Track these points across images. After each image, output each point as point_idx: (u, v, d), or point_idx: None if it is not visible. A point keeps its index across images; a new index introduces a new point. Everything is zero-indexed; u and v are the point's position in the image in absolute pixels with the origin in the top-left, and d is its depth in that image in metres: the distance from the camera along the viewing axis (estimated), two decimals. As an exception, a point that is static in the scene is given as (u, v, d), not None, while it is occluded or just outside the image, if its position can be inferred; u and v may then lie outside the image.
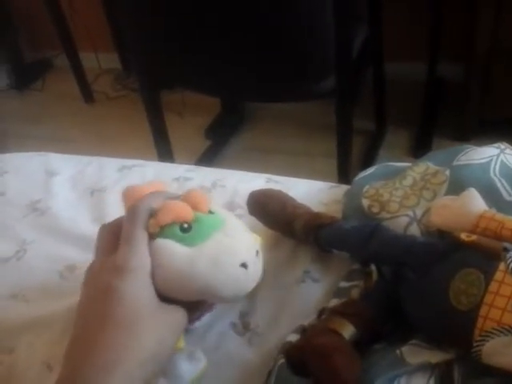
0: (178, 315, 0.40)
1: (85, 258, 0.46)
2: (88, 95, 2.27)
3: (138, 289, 0.38)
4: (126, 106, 2.19)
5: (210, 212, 0.43)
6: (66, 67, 2.23)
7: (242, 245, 0.42)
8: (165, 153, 1.58)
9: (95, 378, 0.35)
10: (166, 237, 0.40)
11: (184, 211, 0.41)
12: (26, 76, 2.45)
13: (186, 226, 0.40)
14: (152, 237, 0.41)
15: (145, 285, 0.39)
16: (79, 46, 2.19)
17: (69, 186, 0.71)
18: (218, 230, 0.41)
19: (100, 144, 1.90)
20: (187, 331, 0.44)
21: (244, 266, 0.40)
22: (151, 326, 0.38)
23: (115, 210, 0.47)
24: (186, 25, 1.18)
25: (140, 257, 0.39)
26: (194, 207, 0.42)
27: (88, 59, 2.28)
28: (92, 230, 0.62)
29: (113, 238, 0.42)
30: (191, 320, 0.43)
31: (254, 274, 0.42)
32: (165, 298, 0.40)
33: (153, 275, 0.40)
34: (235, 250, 0.41)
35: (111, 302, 0.37)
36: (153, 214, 0.41)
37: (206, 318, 0.49)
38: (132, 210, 0.42)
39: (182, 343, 0.43)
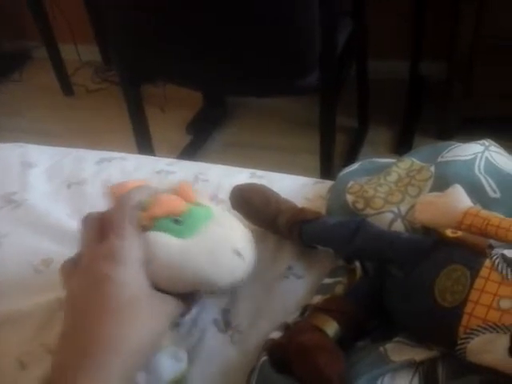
0: (171, 305, 0.41)
1: (61, 251, 0.45)
2: (67, 88, 2.23)
3: (131, 279, 0.38)
4: (105, 100, 2.16)
5: (200, 204, 0.43)
6: (45, 59, 2.18)
7: (234, 233, 0.43)
8: (145, 147, 1.56)
9: (90, 367, 0.35)
10: (160, 229, 0.40)
11: (177, 204, 0.42)
12: (4, 66, 2.39)
13: (178, 218, 0.41)
14: (144, 230, 0.41)
15: (138, 275, 0.39)
16: (59, 37, 2.14)
17: (45, 178, 0.69)
18: (209, 221, 0.42)
19: (79, 137, 1.86)
20: (174, 325, 0.44)
21: (238, 253, 0.41)
22: (145, 315, 0.38)
23: (94, 204, 0.46)
24: (168, 17, 1.16)
25: (131, 248, 0.39)
26: (186, 199, 0.42)
27: (68, 51, 2.24)
28: (69, 224, 0.61)
29: (100, 228, 0.41)
30: (184, 311, 0.43)
31: (247, 262, 0.42)
32: (159, 290, 0.40)
33: (147, 268, 0.39)
34: (228, 238, 0.42)
35: (105, 292, 0.37)
36: (142, 206, 0.41)
37: (193, 311, 0.48)
38: (120, 202, 0.41)
39: (166, 341, 0.42)
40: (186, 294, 0.42)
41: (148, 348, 0.39)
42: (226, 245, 0.41)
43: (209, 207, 0.44)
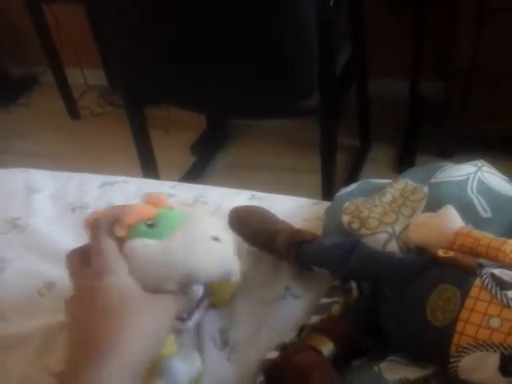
0: (168, 301, 0.42)
1: (64, 275, 0.46)
2: (73, 111, 2.26)
3: (120, 285, 0.40)
4: (111, 123, 2.19)
5: (172, 208, 0.45)
6: (52, 83, 2.22)
7: (208, 224, 0.45)
8: (150, 169, 1.58)
9: (90, 369, 0.36)
10: (135, 236, 0.42)
11: (145, 209, 0.44)
12: (12, 91, 2.44)
13: (151, 222, 0.43)
14: (122, 241, 0.42)
15: (126, 281, 0.41)
16: (65, 61, 2.19)
17: (50, 202, 0.70)
18: (182, 220, 0.44)
19: (85, 160, 1.89)
20: (179, 333, 0.45)
21: (215, 239, 0.43)
22: (142, 316, 0.39)
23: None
24: (171, 42, 1.19)
25: (114, 260, 0.41)
26: (155, 205, 0.44)
27: (74, 75, 2.28)
28: (73, 247, 0.62)
29: (84, 257, 0.43)
30: (183, 317, 0.45)
31: (227, 246, 0.45)
32: (151, 291, 0.41)
33: (133, 275, 0.41)
34: (203, 229, 0.44)
35: (99, 301, 0.39)
36: (114, 222, 0.43)
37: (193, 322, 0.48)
38: (92, 225, 0.43)
39: (174, 348, 0.44)
40: (178, 290, 0.43)
41: (150, 347, 0.40)
42: (201, 234, 0.43)
43: (180, 209, 0.46)
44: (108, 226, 0.43)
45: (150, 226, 0.43)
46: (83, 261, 0.43)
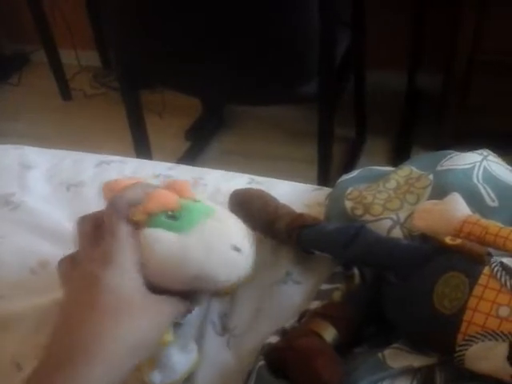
0: (168, 305, 0.40)
1: (58, 253, 0.45)
2: (66, 92, 2.23)
3: (123, 280, 0.38)
4: (103, 105, 2.16)
5: (196, 201, 0.43)
6: (44, 63, 2.18)
7: (232, 229, 0.42)
8: (143, 153, 1.56)
9: (80, 366, 0.35)
10: (155, 225, 0.40)
11: (170, 199, 0.41)
12: (2, 69, 2.39)
13: (173, 213, 0.40)
14: (139, 226, 0.40)
15: (131, 276, 0.38)
16: (58, 41, 2.15)
17: (44, 180, 0.69)
18: (206, 216, 0.41)
19: (76, 142, 1.85)
20: (176, 325, 0.43)
21: (236, 249, 0.41)
22: (138, 316, 0.38)
23: (92, 206, 0.45)
24: (169, 25, 1.17)
25: (125, 250, 0.39)
26: (180, 195, 0.42)
27: (67, 56, 2.24)
28: (67, 226, 0.61)
29: (95, 229, 0.41)
30: (184, 312, 0.42)
31: (247, 258, 0.42)
32: (158, 288, 0.40)
33: (143, 266, 0.39)
34: (226, 234, 0.41)
35: (96, 292, 0.37)
36: (136, 204, 0.41)
37: (196, 311, 0.47)
38: (113, 202, 0.41)
39: (169, 337, 0.42)
40: (185, 292, 0.42)
41: (143, 348, 0.38)
42: (224, 240, 0.40)
43: (204, 203, 0.43)
44: (127, 208, 0.41)
45: (171, 217, 0.40)
46: (95, 229, 0.41)
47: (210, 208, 0.42)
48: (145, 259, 0.39)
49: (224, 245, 0.40)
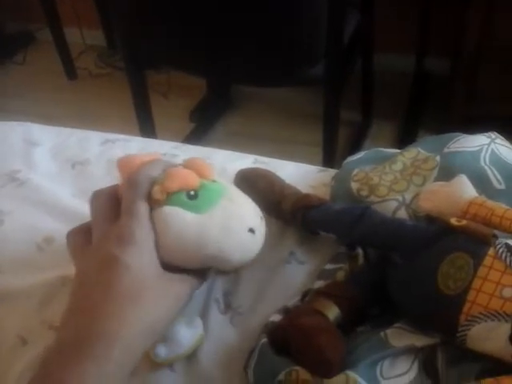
0: (184, 285, 0.40)
1: (63, 230, 0.45)
2: (71, 71, 2.22)
3: (142, 261, 0.38)
4: (109, 85, 2.15)
5: (214, 181, 0.43)
6: (49, 41, 2.17)
7: (247, 211, 0.43)
8: (148, 133, 1.56)
9: (98, 347, 0.35)
10: (174, 204, 0.40)
11: (191, 178, 0.41)
12: (7, 48, 2.38)
13: (192, 193, 0.40)
14: (157, 205, 0.40)
15: (149, 257, 0.38)
16: (64, 20, 2.13)
17: (50, 157, 0.69)
18: (223, 197, 0.42)
19: (81, 121, 1.84)
20: None
21: (251, 231, 0.41)
22: (155, 297, 0.38)
23: (98, 184, 0.45)
24: (175, 4, 1.15)
25: (144, 229, 0.39)
26: (199, 175, 0.42)
27: (72, 35, 2.23)
28: (72, 203, 0.61)
29: (111, 205, 0.41)
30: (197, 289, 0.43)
31: (259, 240, 0.43)
32: (171, 266, 0.40)
33: (159, 244, 0.39)
34: (242, 215, 0.42)
35: (115, 273, 0.37)
36: (155, 182, 0.41)
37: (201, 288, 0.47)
38: (132, 179, 0.41)
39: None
40: (198, 271, 0.42)
41: (159, 328, 0.38)
42: (240, 221, 0.41)
43: (221, 183, 0.43)
44: (148, 186, 0.40)
45: (190, 196, 0.40)
46: (110, 208, 0.40)
47: (226, 188, 0.43)
48: (161, 237, 0.39)
49: (241, 226, 0.41)
